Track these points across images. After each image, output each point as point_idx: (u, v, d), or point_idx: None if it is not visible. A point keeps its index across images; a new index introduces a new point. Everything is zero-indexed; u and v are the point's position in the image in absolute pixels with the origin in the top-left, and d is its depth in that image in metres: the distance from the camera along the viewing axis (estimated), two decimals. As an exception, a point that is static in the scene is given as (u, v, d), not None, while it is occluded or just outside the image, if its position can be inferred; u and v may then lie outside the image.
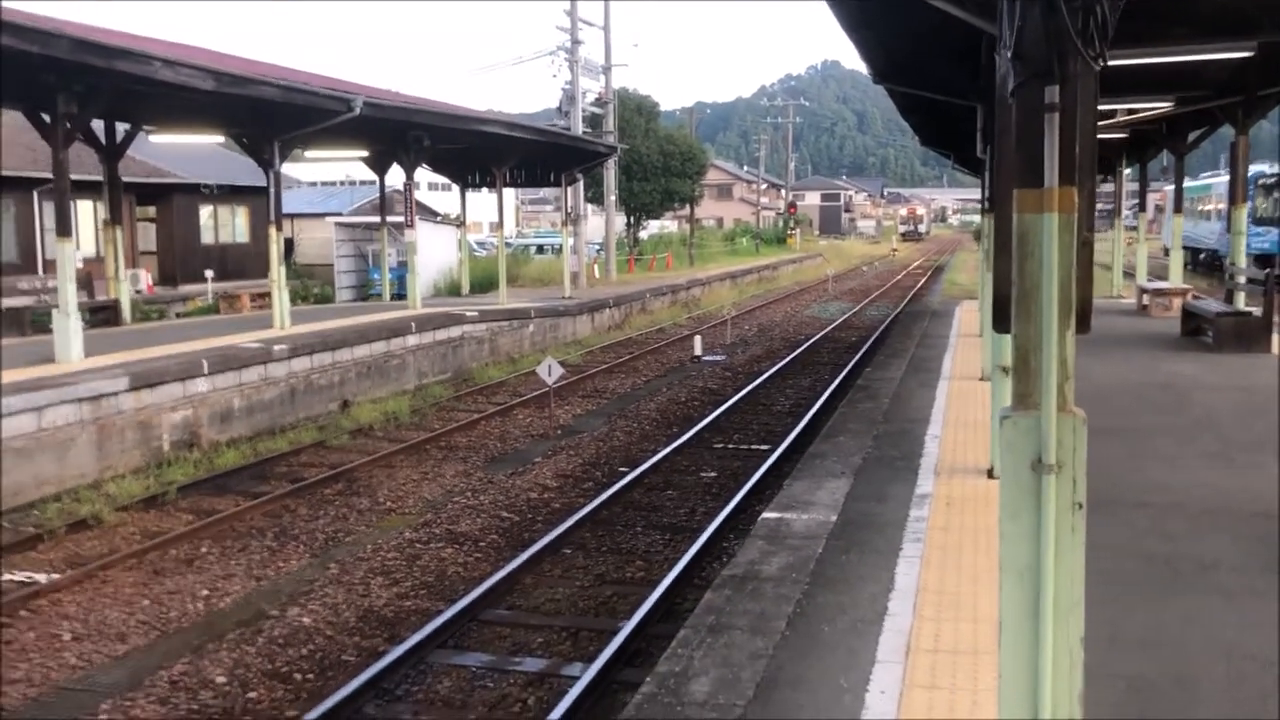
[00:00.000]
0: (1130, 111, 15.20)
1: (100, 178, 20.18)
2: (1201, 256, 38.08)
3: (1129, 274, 26.30)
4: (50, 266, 24.56)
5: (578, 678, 6.60)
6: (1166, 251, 25.10)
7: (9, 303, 19.16)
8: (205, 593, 8.62)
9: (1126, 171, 26.25)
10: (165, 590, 8.67)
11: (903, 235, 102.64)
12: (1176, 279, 21.35)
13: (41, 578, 8.90)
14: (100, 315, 18.87)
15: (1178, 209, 21.73)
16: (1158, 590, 5.82)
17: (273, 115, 17.04)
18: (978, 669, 4.82)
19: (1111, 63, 8.66)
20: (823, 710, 4.49)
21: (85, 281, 19.30)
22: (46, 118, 14.30)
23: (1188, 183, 34.40)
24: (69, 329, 13.96)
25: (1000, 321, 3.79)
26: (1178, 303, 18.52)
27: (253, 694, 6.79)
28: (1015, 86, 3.15)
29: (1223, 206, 32.97)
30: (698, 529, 9.80)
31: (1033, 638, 3.17)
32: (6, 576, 9.01)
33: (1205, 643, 5.09)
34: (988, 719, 4.24)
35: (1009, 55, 3.10)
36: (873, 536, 6.98)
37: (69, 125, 14.23)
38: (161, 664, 7.23)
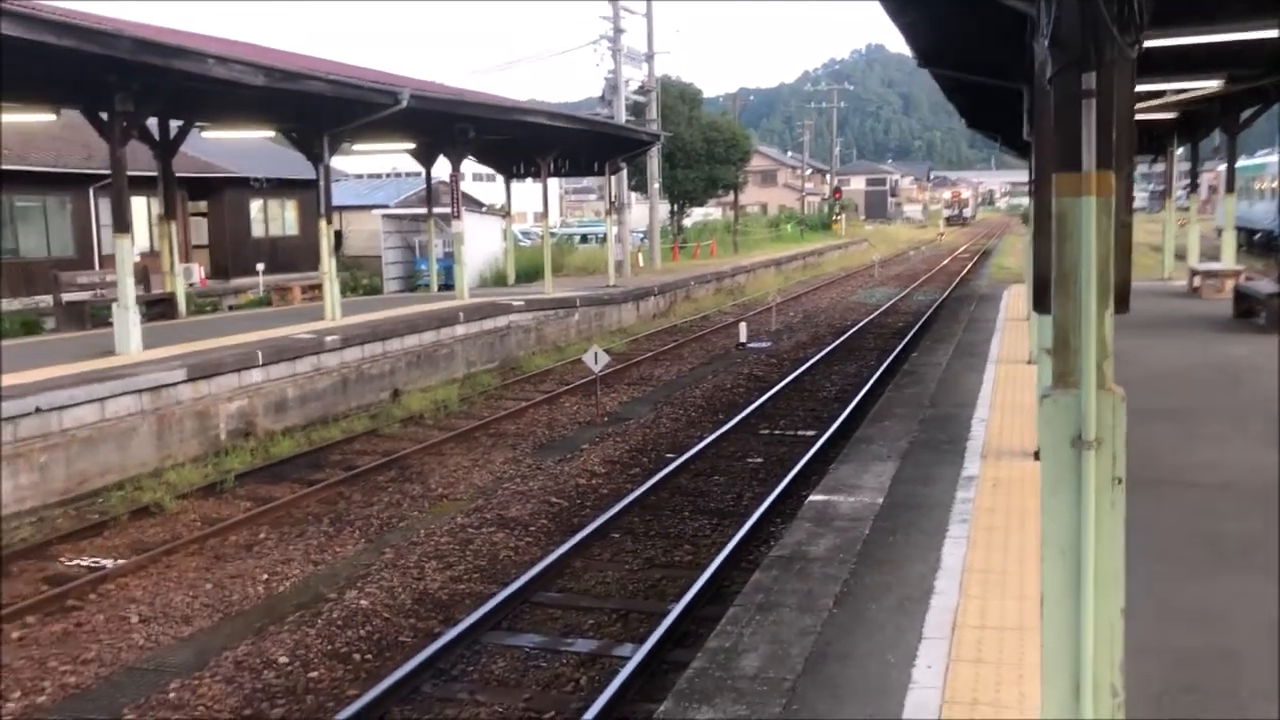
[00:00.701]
0: (1179, 91, 14.99)
1: (154, 174, 20.62)
2: (1256, 237, 37.38)
3: (1180, 256, 25.94)
4: (106, 261, 25.14)
5: (628, 658, 6.74)
6: (1219, 232, 24.74)
7: (69, 297, 19.63)
8: (265, 577, 8.87)
9: (1178, 152, 25.85)
10: (226, 574, 8.93)
11: (947, 220, 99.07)
12: (1229, 260, 21.04)
13: (108, 563, 9.20)
14: (156, 308, 19.29)
15: (1230, 189, 21.38)
16: (1205, 567, 5.86)
17: (321, 109, 17.32)
18: (1023, 644, 4.90)
19: (1158, 42, 8.62)
20: (871, 682, 4.60)
21: (141, 276, 19.73)
22: (104, 116, 14.65)
23: (1241, 161, 33.74)
24: (128, 322, 14.35)
25: (1041, 302, 3.86)
26: (1230, 284, 18.28)
27: (314, 673, 7.01)
28: (1053, 73, 3.22)
29: (1278, 185, 32.38)
30: (744, 514, 9.89)
31: (1074, 610, 3.25)
32: (75, 561, 9.34)
33: (1251, 619, 5.13)
34: (1032, 691, 4.31)
35: (1046, 42, 3.17)
36: (919, 518, 7.05)
37: (126, 124, 14.58)
38: (226, 645, 7.48)
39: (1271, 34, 10.45)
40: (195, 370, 12.96)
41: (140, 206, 26.18)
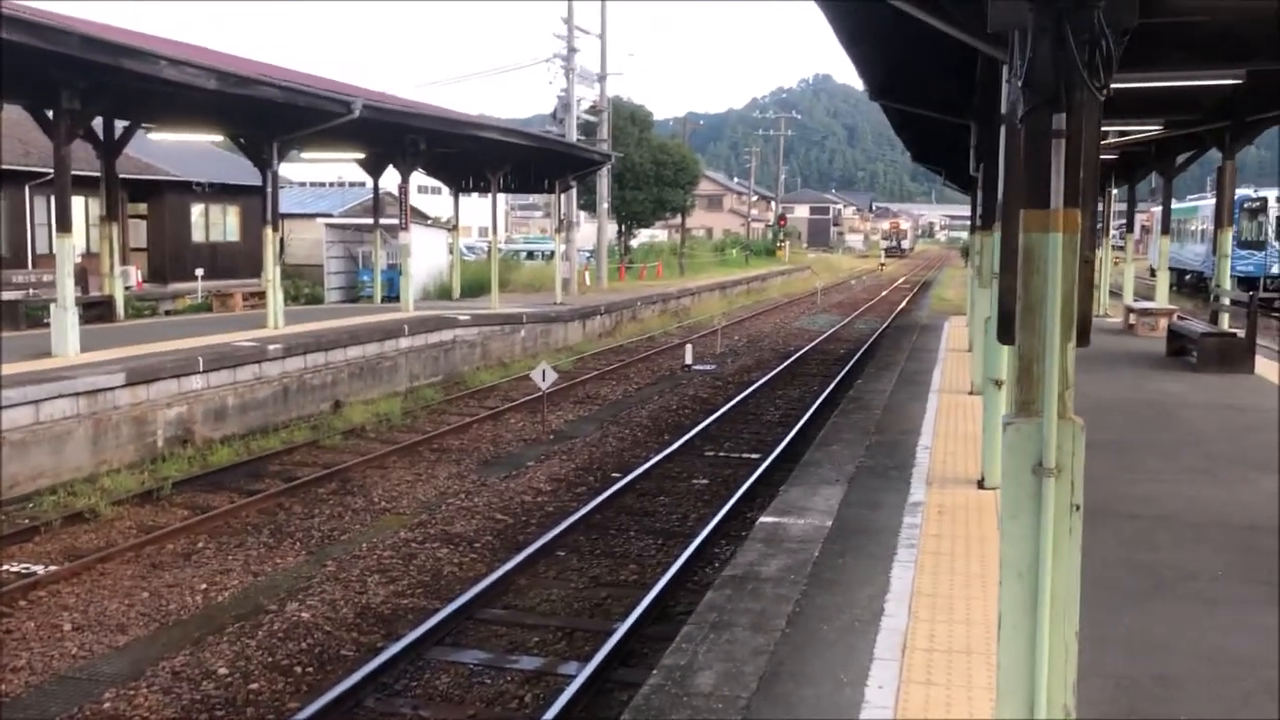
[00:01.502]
0: (1121, 133, 15.47)
1: (96, 174, 20.24)
2: (1187, 278, 38.50)
3: (1115, 294, 26.61)
4: (41, 261, 24.60)
5: (574, 676, 6.73)
6: (1153, 272, 25.46)
7: (3, 296, 19.16)
8: (204, 586, 8.72)
9: (1115, 192, 26.57)
10: (164, 583, 8.76)
11: (885, 251, 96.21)
12: (1163, 299, 21.65)
13: (40, 569, 8.97)
14: (94, 311, 18.90)
15: (1165, 230, 22.04)
16: (1144, 597, 6.01)
17: (273, 116, 17.16)
18: (971, 668, 4.99)
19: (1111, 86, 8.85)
20: (824, 702, 4.65)
21: (80, 277, 19.32)
22: (49, 114, 14.37)
23: (1174, 205, 34.79)
24: (66, 323, 14.05)
25: (1004, 333, 3.97)
26: (1163, 323, 18.79)
27: (254, 685, 6.90)
28: (1025, 113, 3.33)
29: (1208, 229, 33.39)
30: (690, 534, 9.94)
31: (1030, 632, 3.33)
32: (5, 567, 9.09)
33: (1189, 646, 5.28)
34: (982, 711, 4.40)
35: (1019, 83, 3.28)
36: (867, 542, 7.15)
37: (71, 122, 14.32)
38: (163, 655, 7.33)
39: (1210, 82, 10.84)
40: (134, 375, 12.71)
41: (80, 206, 25.62)
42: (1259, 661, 5.07)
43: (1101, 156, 18.92)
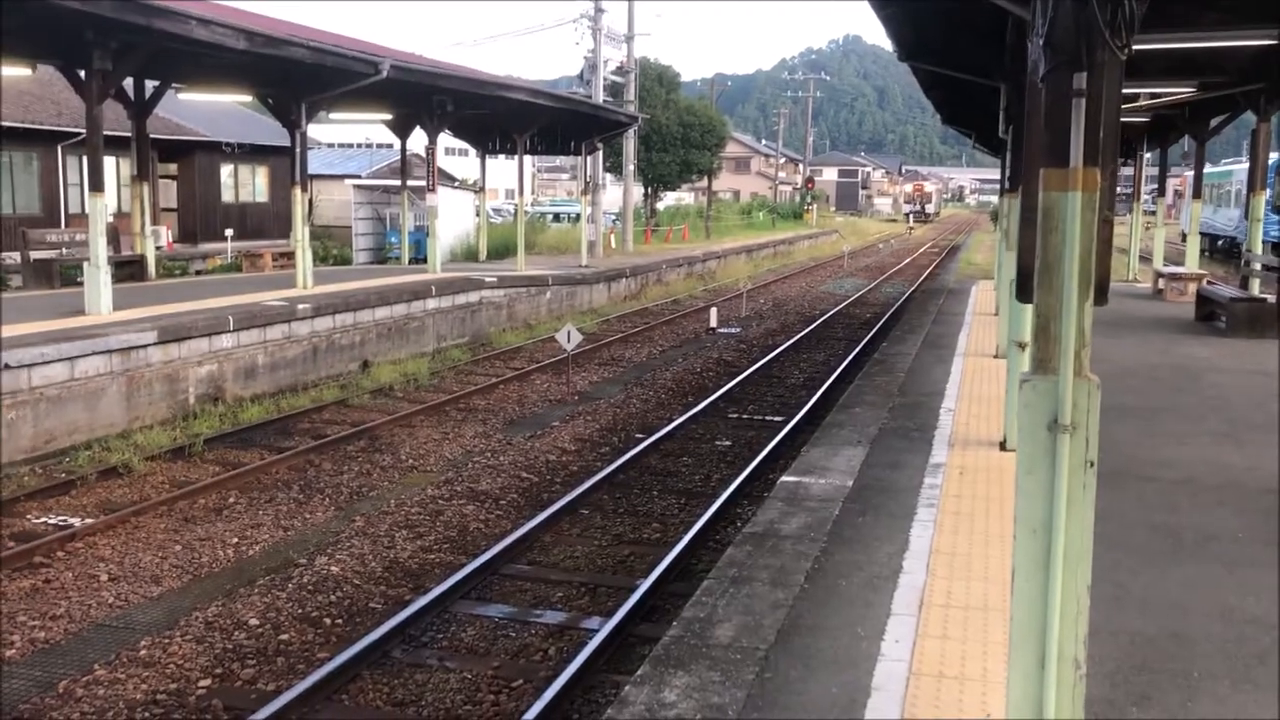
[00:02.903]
0: (1153, 96, 15.27)
1: (126, 134, 20.39)
2: (1219, 243, 38.02)
3: (1145, 258, 26.37)
4: (73, 220, 24.87)
5: (596, 630, 6.85)
6: (1184, 237, 25.17)
7: (37, 255, 19.41)
8: (235, 540, 8.90)
9: (1147, 156, 26.24)
10: (196, 537, 8.95)
11: (906, 216, 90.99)
12: (1193, 264, 21.44)
13: (76, 521, 9.19)
14: (125, 270, 19.11)
15: (1197, 194, 21.77)
16: (1163, 558, 6.06)
17: (301, 76, 17.20)
18: (988, 623, 5.07)
19: (1138, 47, 8.81)
20: (841, 654, 4.74)
21: (111, 236, 19.50)
22: (81, 74, 14.49)
23: (1208, 169, 34.27)
24: (99, 282, 14.23)
25: (1023, 292, 4.00)
26: (1193, 288, 18.64)
27: (285, 636, 7.06)
28: (1045, 72, 3.34)
29: (1242, 193, 32.93)
30: (713, 494, 10.03)
31: (1043, 586, 3.39)
32: (43, 519, 9.31)
33: (1205, 606, 5.33)
34: (996, 667, 4.48)
35: (1040, 43, 3.29)
36: (888, 501, 7.22)
37: (103, 82, 14.43)
38: (196, 606, 7.51)
39: (1243, 43, 10.70)
40: (166, 333, 12.89)
41: (111, 166, 25.85)
42: (1274, 622, 5.12)
43: (1133, 119, 18.74)
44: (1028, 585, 3.42)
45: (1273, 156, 29.56)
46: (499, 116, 24.87)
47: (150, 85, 19.81)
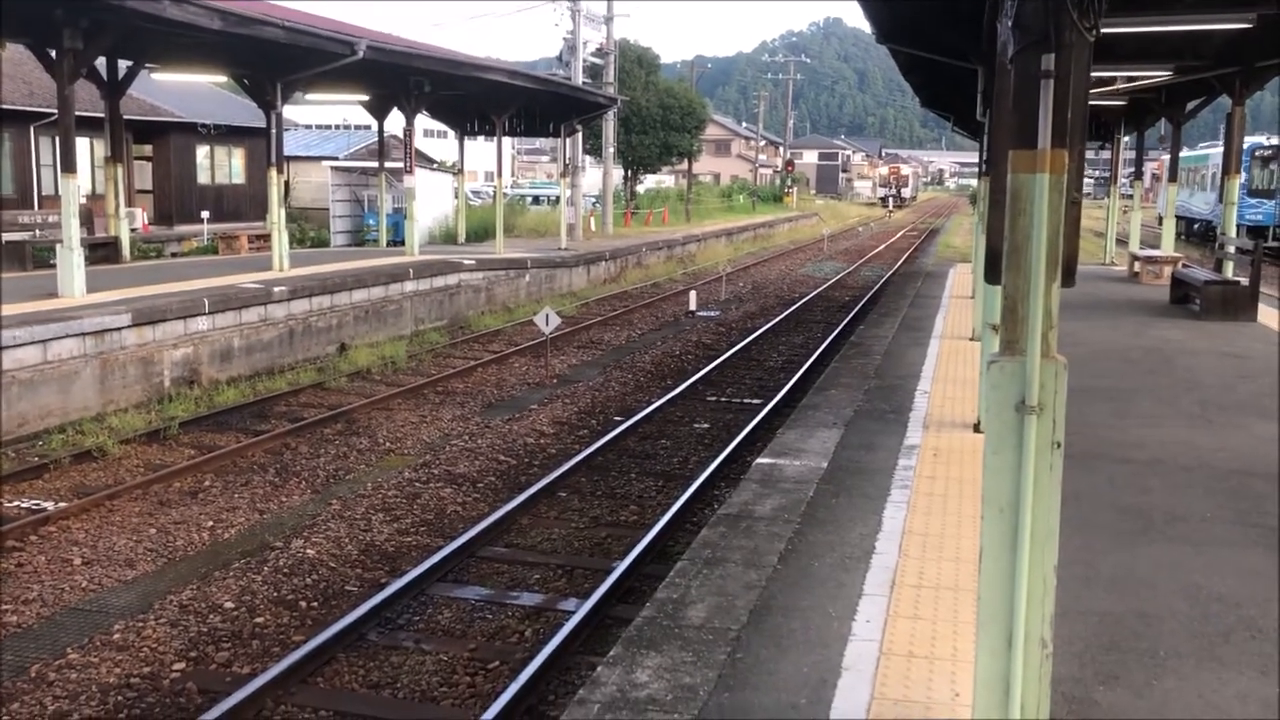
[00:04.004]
0: (1130, 79, 15.32)
1: (100, 114, 20.17)
2: (1195, 227, 38.31)
3: (1122, 241, 26.52)
4: (45, 202, 24.62)
5: (573, 612, 6.87)
6: (1160, 220, 25.31)
7: (9, 237, 19.22)
8: (210, 524, 8.86)
9: (1124, 139, 26.34)
10: (171, 520, 8.91)
11: (881, 201, 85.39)
12: (1168, 247, 21.57)
13: (50, 505, 9.13)
14: (100, 252, 18.95)
15: (1173, 178, 21.89)
16: (1131, 538, 6.12)
17: (276, 56, 17.05)
18: (958, 603, 5.11)
19: (1113, 30, 8.85)
20: (813, 634, 4.77)
21: (85, 218, 19.37)
22: (52, 53, 14.31)
23: (1184, 153, 34.49)
24: (73, 264, 14.10)
25: (992, 273, 4.02)
26: (1168, 271, 18.77)
27: (260, 619, 7.05)
28: (1014, 53, 3.35)
29: (1218, 176, 33.18)
30: (690, 477, 10.06)
31: (1010, 565, 3.42)
32: (16, 503, 9.25)
33: (1172, 585, 5.39)
34: (965, 646, 4.51)
35: (1009, 24, 3.30)
36: (862, 483, 7.25)
37: (75, 61, 14.25)
38: (170, 589, 7.49)
39: (1219, 27, 10.75)
40: (140, 316, 12.80)
41: (85, 147, 25.58)
42: (1240, 600, 5.19)
43: (1110, 103, 18.80)
44: (995, 565, 3.45)
45: (1248, 141, 29.78)
46: (477, 98, 24.74)
47: (124, 65, 19.58)
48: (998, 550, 3.45)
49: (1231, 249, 17.38)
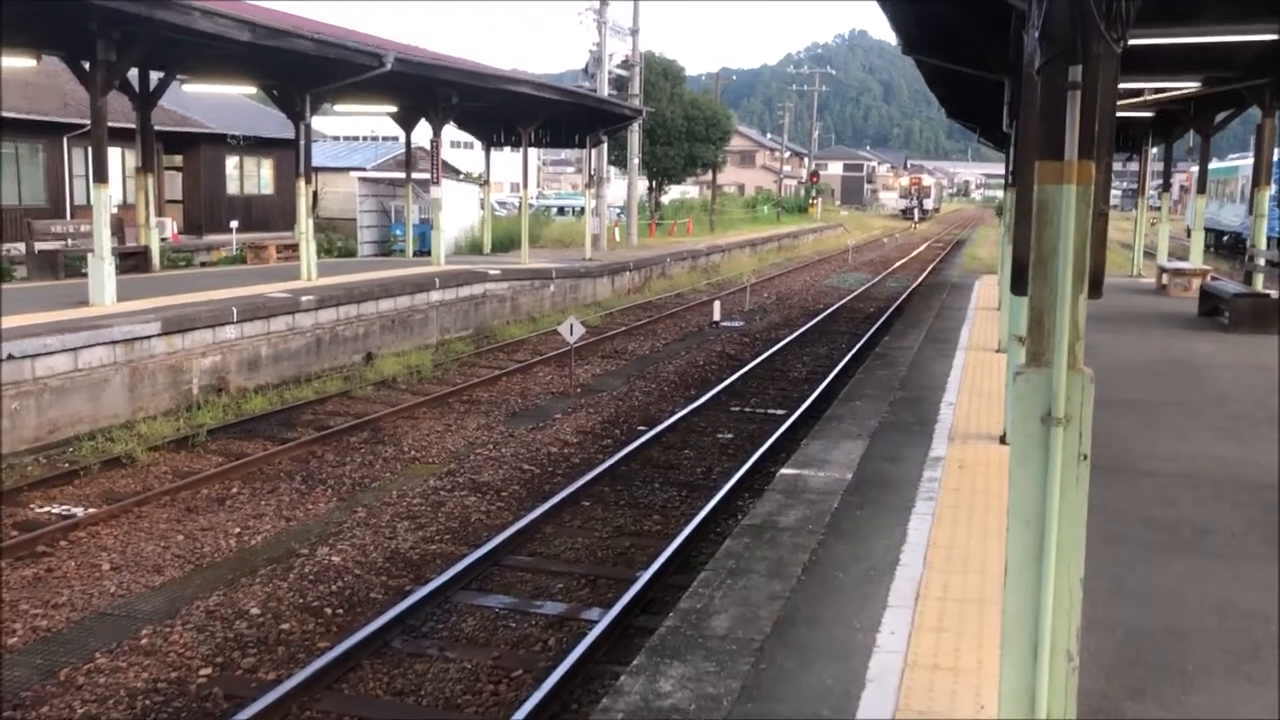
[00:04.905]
0: (1157, 90, 15.21)
1: (131, 125, 20.41)
2: (1225, 239, 37.94)
3: (1150, 254, 26.32)
4: (78, 211, 24.91)
5: (596, 621, 6.88)
6: (1189, 233, 25.12)
7: (42, 246, 19.46)
8: (237, 530, 8.93)
9: (1153, 151, 26.16)
10: (198, 527, 8.98)
11: (903, 213, 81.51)
12: (1197, 260, 21.39)
13: (79, 511, 9.23)
14: (130, 261, 19.16)
15: (1201, 190, 21.72)
16: (1160, 551, 6.07)
17: (305, 68, 17.21)
18: (983, 616, 5.08)
19: (1141, 41, 8.79)
20: (837, 646, 4.76)
21: (116, 228, 19.54)
22: (86, 65, 14.51)
23: (1213, 165, 34.18)
24: (103, 273, 14.27)
25: (1018, 284, 4.01)
26: (1196, 283, 18.61)
27: (286, 625, 7.09)
28: (1041, 64, 3.35)
29: (1247, 189, 32.88)
30: (714, 487, 10.04)
31: (1036, 577, 3.40)
32: (46, 509, 9.35)
33: (1200, 599, 5.34)
34: (991, 659, 4.49)
35: (1036, 34, 3.29)
36: (887, 494, 7.23)
37: (107, 73, 14.45)
38: (197, 595, 7.55)
39: (1248, 38, 10.67)
40: (169, 324, 12.93)
41: (116, 158, 25.90)
42: (1269, 615, 5.13)
43: (1138, 115, 18.68)
44: (1020, 577, 3.43)
45: (1278, 152, 29.51)
46: (503, 109, 24.88)
47: (155, 77, 19.82)
48: (1023, 563, 3.43)
49: (1261, 261, 17.21)
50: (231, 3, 15.79)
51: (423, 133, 25.24)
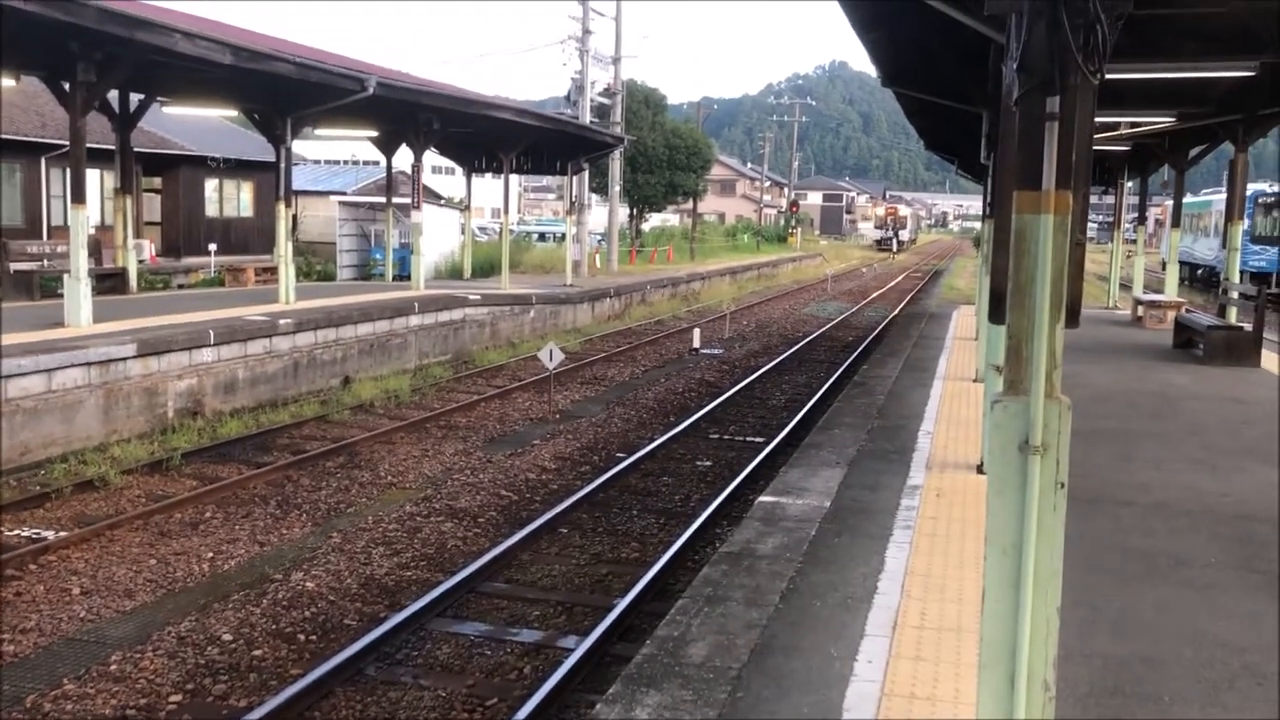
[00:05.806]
0: (1133, 124, 15.43)
1: (111, 146, 20.35)
2: (1199, 272, 38.39)
3: (1126, 286, 26.56)
4: (55, 232, 24.76)
5: (573, 649, 6.83)
6: (1164, 265, 25.41)
7: (17, 267, 19.31)
8: (210, 555, 8.83)
9: (1128, 184, 26.47)
10: (171, 551, 8.88)
11: (876, 244, 78.83)
12: (1172, 292, 21.61)
13: (50, 534, 9.11)
14: (107, 283, 19.04)
15: (1176, 223, 21.97)
16: (1135, 581, 6.09)
17: (287, 92, 17.23)
18: (961, 645, 5.08)
19: (1118, 75, 8.93)
20: (814, 674, 4.74)
21: (93, 249, 19.46)
22: (65, 86, 14.46)
23: (1187, 199, 34.65)
24: (79, 294, 14.17)
25: (995, 313, 4.03)
26: (1171, 315, 18.79)
27: (258, 651, 7.01)
28: (1019, 95, 3.39)
29: (1221, 223, 33.29)
30: (692, 514, 10.02)
31: (1013, 606, 3.40)
32: (16, 531, 9.23)
33: (1176, 630, 5.36)
34: (968, 688, 4.48)
35: (1014, 66, 3.34)
36: (864, 522, 7.23)
37: (87, 94, 14.40)
38: (169, 620, 7.44)
39: (1222, 74, 10.84)
40: (145, 346, 12.84)
41: (95, 179, 25.77)
42: (1244, 646, 5.15)
43: (1114, 148, 18.92)
44: (998, 606, 3.43)
45: (1251, 188, 29.91)
46: (485, 135, 24.94)
47: (135, 98, 19.79)
48: (1000, 591, 3.43)
49: (1235, 294, 17.41)
50: (213, 25, 15.80)
51: (404, 157, 25.27)
